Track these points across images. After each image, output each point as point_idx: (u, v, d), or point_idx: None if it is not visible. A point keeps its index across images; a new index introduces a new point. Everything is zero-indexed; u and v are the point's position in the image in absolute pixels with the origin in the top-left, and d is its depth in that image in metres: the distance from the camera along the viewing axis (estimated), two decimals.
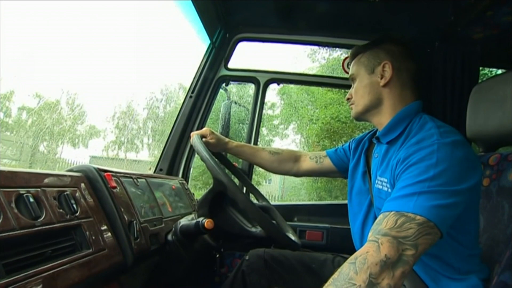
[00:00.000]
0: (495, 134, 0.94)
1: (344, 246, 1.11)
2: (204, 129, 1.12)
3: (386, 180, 0.79)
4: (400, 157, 0.73)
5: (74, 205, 0.64)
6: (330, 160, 1.12)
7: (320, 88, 8.10)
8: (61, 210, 0.61)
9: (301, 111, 9.39)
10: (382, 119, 0.87)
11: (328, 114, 8.19)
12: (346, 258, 1.09)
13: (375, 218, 0.89)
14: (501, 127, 0.91)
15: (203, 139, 1.06)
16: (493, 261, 0.80)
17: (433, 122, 0.77)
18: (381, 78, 0.85)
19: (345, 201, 1.03)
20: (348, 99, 0.93)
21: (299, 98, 9.45)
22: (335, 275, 0.59)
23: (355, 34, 1.53)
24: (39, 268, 0.52)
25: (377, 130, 0.92)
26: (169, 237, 0.94)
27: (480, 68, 1.48)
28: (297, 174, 1.18)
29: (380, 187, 0.82)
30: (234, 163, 1.19)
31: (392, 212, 0.64)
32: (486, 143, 1.00)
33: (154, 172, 1.50)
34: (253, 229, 0.92)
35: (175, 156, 1.49)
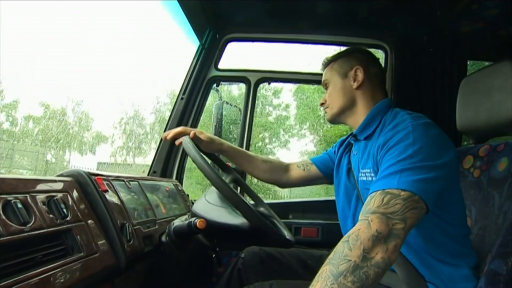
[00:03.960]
0: (484, 126, 0.95)
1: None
2: (195, 129, 1.10)
3: (369, 170, 0.83)
4: (379, 143, 0.78)
5: (64, 210, 0.64)
6: (315, 166, 1.13)
7: None
8: (50, 215, 0.60)
9: (317, 111, 9.35)
10: (358, 119, 0.93)
11: None
12: None
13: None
14: (490, 118, 0.92)
15: (197, 136, 1.04)
16: (484, 251, 0.81)
17: (404, 111, 0.84)
18: (354, 81, 0.92)
19: (324, 198, 1.03)
20: (322, 104, 0.99)
21: (314, 98, 9.39)
22: (330, 255, 0.62)
23: (343, 31, 1.55)
24: (30, 273, 0.51)
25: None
26: (163, 238, 0.93)
27: (468, 62, 1.50)
28: (286, 184, 1.17)
29: (365, 178, 0.85)
30: (227, 163, 1.19)
31: (378, 192, 0.67)
32: (476, 134, 1.01)
33: (148, 174, 1.49)
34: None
35: (168, 158, 1.49)
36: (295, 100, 9.93)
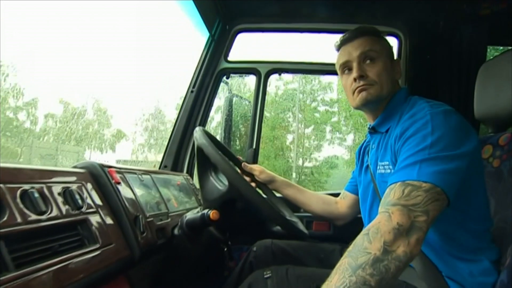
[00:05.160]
0: (504, 113, 0.91)
1: (351, 236, 1.09)
2: (255, 165, 1.14)
3: (387, 163, 0.80)
4: (396, 134, 0.75)
5: (79, 201, 0.64)
6: (348, 192, 1.11)
7: None
8: (66, 206, 0.61)
9: None
10: (379, 110, 0.88)
11: None
12: None
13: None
14: (509, 107, 0.88)
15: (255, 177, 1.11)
16: (505, 243, 0.78)
17: (422, 99, 0.80)
18: (397, 72, 0.88)
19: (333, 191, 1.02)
20: (362, 76, 0.84)
21: None
22: (349, 248, 0.60)
23: (355, 19, 1.50)
24: (48, 262, 0.52)
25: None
26: (176, 231, 0.93)
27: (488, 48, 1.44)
28: (338, 217, 1.13)
29: (383, 171, 0.82)
30: (238, 156, 1.18)
31: (398, 183, 0.65)
32: (495, 123, 0.98)
33: (159, 169, 1.50)
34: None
35: (179, 153, 1.49)
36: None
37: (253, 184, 1.12)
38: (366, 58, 0.85)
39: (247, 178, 1.12)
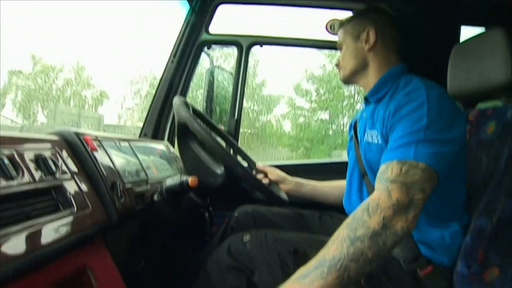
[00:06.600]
0: (474, 91, 0.98)
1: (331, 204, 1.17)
2: (267, 166, 1.17)
3: (376, 132, 0.84)
4: (390, 110, 0.78)
5: (53, 167, 0.64)
6: None
7: None
8: (39, 172, 0.61)
9: None
10: (369, 81, 0.94)
11: None
12: (333, 215, 1.15)
13: (360, 173, 0.93)
14: (480, 83, 0.93)
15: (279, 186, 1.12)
16: (471, 209, 0.84)
17: (418, 78, 0.83)
18: (366, 43, 0.92)
19: (332, 160, 1.05)
20: (336, 65, 1.00)
21: None
22: (348, 220, 0.64)
23: None
24: (20, 226, 0.52)
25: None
26: (155, 197, 0.95)
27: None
28: None
29: (370, 140, 0.86)
30: (219, 125, 1.19)
31: (395, 161, 0.68)
32: (466, 99, 1.03)
33: (139, 137, 1.49)
34: None
35: (159, 121, 1.48)
36: None
37: (265, 181, 1.14)
38: (339, 48, 1.00)
39: (260, 176, 1.15)
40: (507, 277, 0.74)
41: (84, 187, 0.70)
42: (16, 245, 0.50)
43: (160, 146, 1.29)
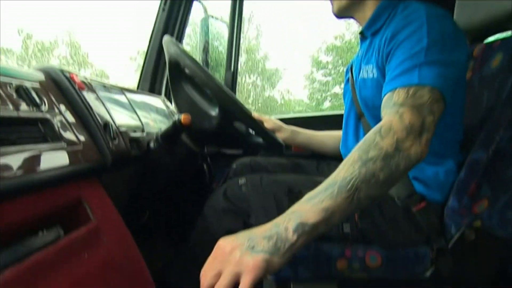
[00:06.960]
0: (483, 23, 0.92)
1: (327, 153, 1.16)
2: (265, 116, 1.13)
3: (371, 66, 0.79)
4: (387, 36, 0.73)
5: (37, 99, 0.61)
6: None
7: None
8: (21, 102, 0.58)
9: None
10: (366, 13, 0.86)
11: None
12: (330, 163, 1.13)
13: (356, 114, 0.90)
14: (489, 13, 0.88)
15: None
16: (468, 147, 0.82)
17: (418, 1, 0.75)
18: None
19: (329, 112, 1.02)
20: None
21: None
22: (359, 144, 0.60)
23: None
24: (4, 149, 0.51)
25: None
26: (151, 144, 0.94)
27: None
28: None
29: (365, 76, 0.81)
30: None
31: (398, 88, 0.64)
32: (473, 33, 0.97)
33: None
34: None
35: (155, 76, 1.43)
36: None
37: None
38: None
39: None
40: (495, 209, 0.73)
41: (72, 124, 0.68)
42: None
43: (157, 100, 1.25)
